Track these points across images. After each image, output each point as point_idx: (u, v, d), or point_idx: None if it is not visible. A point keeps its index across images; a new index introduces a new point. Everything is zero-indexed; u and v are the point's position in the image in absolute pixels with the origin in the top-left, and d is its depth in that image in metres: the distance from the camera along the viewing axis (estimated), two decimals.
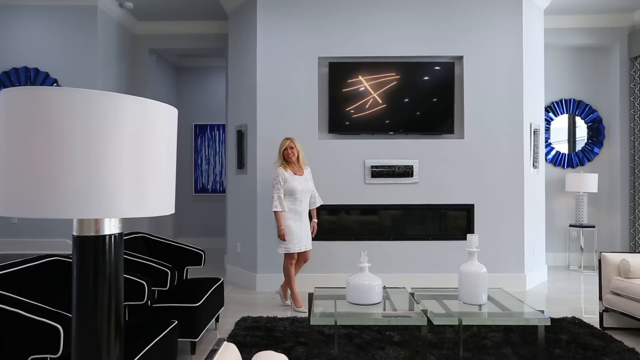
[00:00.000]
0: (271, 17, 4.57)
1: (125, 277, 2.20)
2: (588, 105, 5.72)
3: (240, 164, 4.80)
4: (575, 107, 5.72)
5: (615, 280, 3.16)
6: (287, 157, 3.77)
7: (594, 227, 5.40)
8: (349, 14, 4.55)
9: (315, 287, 2.85)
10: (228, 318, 3.55)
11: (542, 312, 2.32)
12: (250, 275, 4.60)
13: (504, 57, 4.52)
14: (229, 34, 5.10)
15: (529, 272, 4.57)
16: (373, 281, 2.46)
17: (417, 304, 2.52)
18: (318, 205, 3.97)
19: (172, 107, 1.17)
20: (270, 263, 4.52)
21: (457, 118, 4.56)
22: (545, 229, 5.63)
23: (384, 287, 2.83)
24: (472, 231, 4.52)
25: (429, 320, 2.25)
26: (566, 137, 5.79)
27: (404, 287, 2.83)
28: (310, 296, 2.64)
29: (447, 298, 2.60)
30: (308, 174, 3.88)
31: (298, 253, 3.79)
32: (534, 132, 4.72)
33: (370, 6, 4.54)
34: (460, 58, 4.56)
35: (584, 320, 3.43)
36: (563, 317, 3.48)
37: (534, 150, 4.71)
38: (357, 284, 2.44)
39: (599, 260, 3.31)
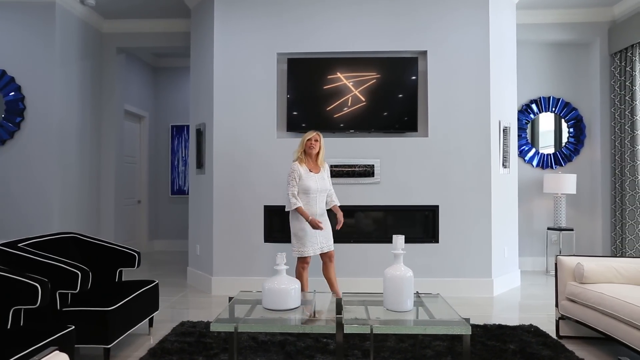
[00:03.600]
0: (228, 14, 4.44)
1: (15, 278, 2.07)
2: (568, 103, 5.50)
3: (199, 163, 4.67)
4: (555, 105, 5.50)
5: (570, 285, 2.96)
6: (308, 149, 3.48)
7: (572, 230, 5.17)
8: (307, 9, 4.40)
9: (240, 291, 2.70)
10: (168, 322, 3.41)
11: (468, 320, 2.13)
12: (207, 278, 4.45)
13: (469, 51, 4.34)
14: (191, 31, 4.99)
15: (497, 277, 4.35)
16: (290, 285, 2.30)
17: (341, 309, 2.34)
18: (335, 204, 3.62)
19: None
20: (226, 266, 4.38)
21: (420, 115, 4.38)
22: (525, 232, 5.44)
23: (314, 292, 2.67)
24: (436, 234, 4.33)
25: (339, 328, 2.08)
26: (547, 137, 5.57)
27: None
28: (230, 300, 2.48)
29: (375, 304, 2.43)
30: (325, 172, 3.58)
31: (321, 254, 3.51)
32: (504, 130, 4.52)
33: (329, 0, 4.38)
34: (424, 53, 4.39)
35: (541, 328, 3.22)
36: (519, 325, 3.28)
37: (503, 149, 4.51)
38: (271, 288, 2.28)
39: (555, 264, 3.10)
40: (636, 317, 2.33)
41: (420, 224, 4.39)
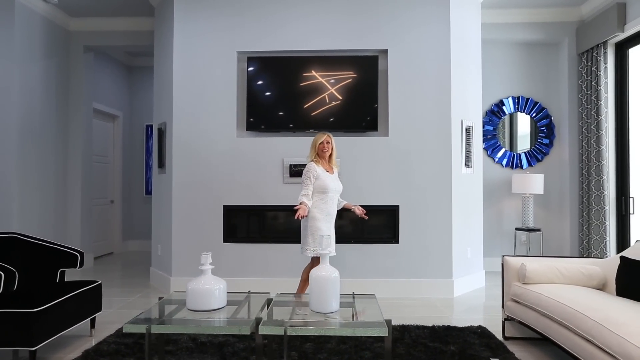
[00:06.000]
0: (188, 13, 4.40)
1: None
2: (538, 103, 5.47)
3: (161, 163, 4.62)
4: (524, 105, 5.48)
5: (514, 286, 2.92)
6: (321, 152, 3.42)
7: (539, 230, 5.13)
8: (267, 8, 4.36)
9: (173, 292, 2.65)
10: (115, 324, 3.35)
11: (389, 321, 2.08)
12: (166, 279, 4.41)
13: (430, 50, 4.31)
14: (155, 30, 4.95)
15: (459, 278, 4.32)
16: (214, 285, 2.26)
17: (266, 310, 2.30)
18: (346, 202, 3.59)
19: None
20: (185, 266, 4.33)
21: (381, 114, 4.35)
22: (495, 232, 5.41)
23: (249, 292, 2.63)
24: (397, 234, 4.29)
25: (257, 329, 2.04)
26: (518, 137, 5.54)
27: (268, 292, 2.62)
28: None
29: (305, 305, 2.38)
30: (337, 174, 3.54)
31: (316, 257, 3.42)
32: (467, 129, 4.48)
33: None
34: (385, 51, 4.35)
35: (489, 329, 3.19)
36: (467, 326, 3.24)
37: (466, 148, 4.48)
38: (194, 288, 2.24)
39: (502, 265, 3.07)
40: (566, 318, 2.30)
41: (380, 224, 4.35)
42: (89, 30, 5.55)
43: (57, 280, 3.09)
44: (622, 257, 2.58)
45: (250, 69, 4.34)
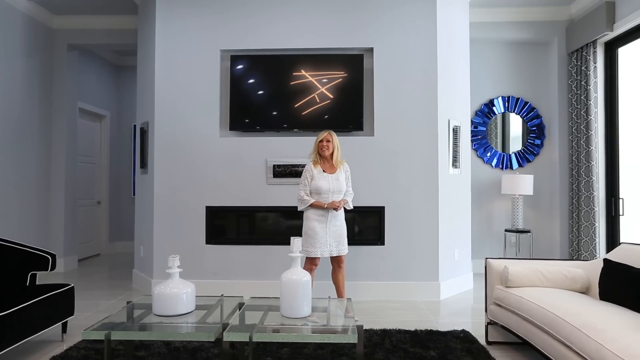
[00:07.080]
0: (171, 11, 4.32)
1: None
2: (528, 102, 5.40)
3: (143, 163, 4.54)
4: (514, 105, 5.41)
5: (497, 289, 2.85)
6: (320, 151, 3.41)
7: (529, 232, 5.06)
8: (251, 6, 4.29)
9: (143, 295, 2.57)
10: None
11: (361, 327, 2.01)
12: (148, 281, 4.32)
13: (416, 48, 4.23)
14: (138, 28, 4.86)
15: (445, 280, 4.24)
16: (182, 289, 2.18)
17: (236, 315, 2.22)
18: (346, 199, 3.45)
19: None
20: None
21: (367, 114, 4.27)
22: (485, 233, 5.34)
23: (222, 296, 2.55)
24: (382, 235, 4.21)
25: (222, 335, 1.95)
26: (508, 137, 5.47)
27: (242, 296, 2.54)
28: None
29: (277, 309, 2.30)
30: (342, 173, 3.45)
31: (330, 258, 3.42)
32: (454, 129, 4.41)
33: None
34: (370, 50, 4.28)
35: (473, 334, 3.11)
36: (450, 330, 3.16)
37: (453, 149, 4.41)
38: (161, 292, 2.16)
39: (485, 268, 2.99)
40: (546, 322, 2.22)
41: (365, 225, 4.27)
42: (73, 29, 5.46)
43: (27, 284, 3.00)
44: (605, 260, 2.51)
45: (234, 67, 4.26)
